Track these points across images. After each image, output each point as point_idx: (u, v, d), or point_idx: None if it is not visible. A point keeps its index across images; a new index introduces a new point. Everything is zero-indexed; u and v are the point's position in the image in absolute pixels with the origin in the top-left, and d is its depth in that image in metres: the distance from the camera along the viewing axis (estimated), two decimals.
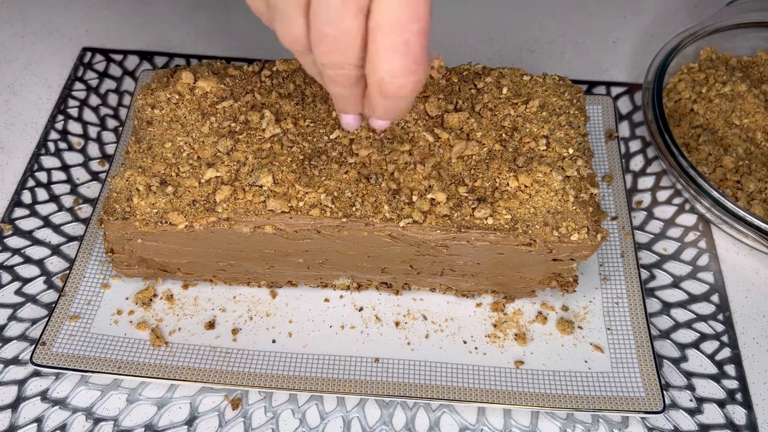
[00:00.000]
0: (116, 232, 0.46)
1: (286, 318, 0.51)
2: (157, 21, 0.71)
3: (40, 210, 0.57)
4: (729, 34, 0.64)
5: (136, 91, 0.62)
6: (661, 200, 0.59)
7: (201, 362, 0.48)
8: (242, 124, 0.48)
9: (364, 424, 0.47)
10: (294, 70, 0.51)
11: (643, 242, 0.56)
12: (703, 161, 0.57)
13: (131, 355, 0.48)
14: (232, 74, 0.50)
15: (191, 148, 0.47)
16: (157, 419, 0.47)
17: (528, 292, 0.51)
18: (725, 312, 0.53)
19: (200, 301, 0.51)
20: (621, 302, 0.51)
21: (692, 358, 0.51)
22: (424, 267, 0.49)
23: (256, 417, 0.47)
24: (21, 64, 0.67)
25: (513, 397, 0.47)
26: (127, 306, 0.51)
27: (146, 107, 0.49)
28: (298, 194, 0.45)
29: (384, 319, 0.51)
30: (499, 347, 0.49)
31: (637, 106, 0.65)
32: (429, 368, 0.48)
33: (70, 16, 0.71)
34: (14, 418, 0.47)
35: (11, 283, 0.53)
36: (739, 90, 0.61)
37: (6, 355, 0.49)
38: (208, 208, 0.44)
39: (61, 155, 0.60)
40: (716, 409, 0.48)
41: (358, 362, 0.48)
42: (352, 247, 0.47)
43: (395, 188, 0.45)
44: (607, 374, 0.48)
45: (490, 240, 0.45)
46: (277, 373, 0.47)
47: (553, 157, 0.47)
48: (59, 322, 0.49)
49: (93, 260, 0.52)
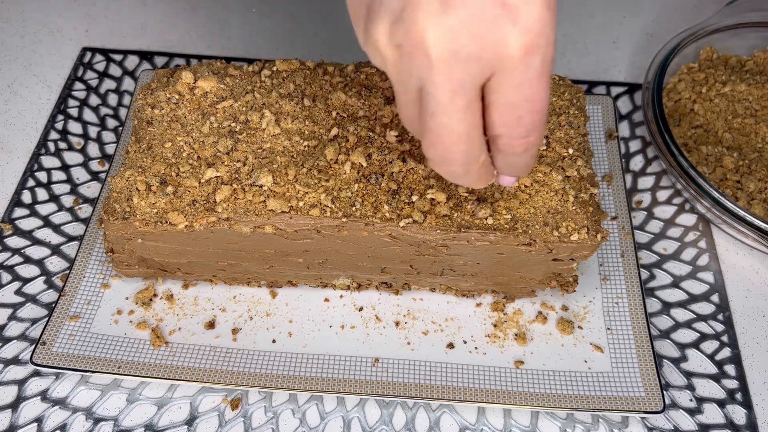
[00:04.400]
0: (116, 232, 0.46)
1: (286, 318, 0.51)
2: (157, 21, 0.71)
3: (40, 210, 0.57)
4: (729, 34, 0.64)
5: (136, 91, 0.62)
6: (661, 200, 0.59)
7: (201, 362, 0.48)
8: (242, 124, 0.48)
9: (364, 424, 0.47)
10: (294, 70, 0.51)
11: (643, 242, 0.56)
12: (703, 161, 0.57)
13: (131, 355, 0.48)
14: (232, 74, 0.50)
15: (191, 148, 0.47)
16: (157, 419, 0.47)
17: (528, 292, 0.51)
18: (725, 312, 0.53)
19: (200, 301, 0.51)
20: (621, 302, 0.51)
21: (692, 358, 0.51)
22: (424, 267, 0.49)
23: (256, 417, 0.47)
24: (21, 64, 0.67)
25: (513, 397, 0.47)
26: (127, 306, 0.51)
27: (146, 107, 0.49)
28: (298, 194, 0.45)
29: (384, 319, 0.51)
30: (499, 347, 0.49)
31: (637, 106, 0.65)
32: (429, 368, 0.48)
33: (70, 16, 0.71)
34: (14, 418, 0.47)
35: (11, 283, 0.53)
36: (739, 90, 0.61)
37: (6, 355, 0.49)
38: (208, 208, 0.44)
39: (61, 155, 0.60)
40: (716, 409, 0.48)
41: (358, 362, 0.48)
42: (352, 247, 0.47)
43: (395, 188, 0.45)
44: (607, 374, 0.48)
45: (490, 240, 0.45)
46: (277, 373, 0.47)
47: (553, 157, 0.47)
48: (59, 322, 0.49)
49: (93, 260, 0.52)
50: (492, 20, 0.29)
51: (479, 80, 0.31)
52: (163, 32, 0.70)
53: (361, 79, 0.51)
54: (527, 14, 0.29)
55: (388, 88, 0.50)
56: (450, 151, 0.33)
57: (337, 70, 0.51)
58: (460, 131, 0.32)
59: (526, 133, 0.33)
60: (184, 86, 0.49)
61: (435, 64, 0.30)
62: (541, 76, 0.31)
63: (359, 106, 0.49)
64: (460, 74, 0.30)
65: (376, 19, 0.31)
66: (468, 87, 0.31)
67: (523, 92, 0.31)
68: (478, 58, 0.30)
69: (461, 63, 0.30)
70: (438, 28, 0.30)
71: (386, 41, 0.31)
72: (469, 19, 0.29)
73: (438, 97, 0.31)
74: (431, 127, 0.32)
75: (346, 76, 0.51)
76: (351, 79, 0.51)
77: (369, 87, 0.50)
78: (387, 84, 0.50)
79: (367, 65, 0.52)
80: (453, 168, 0.35)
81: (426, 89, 0.31)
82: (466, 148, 0.33)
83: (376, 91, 0.50)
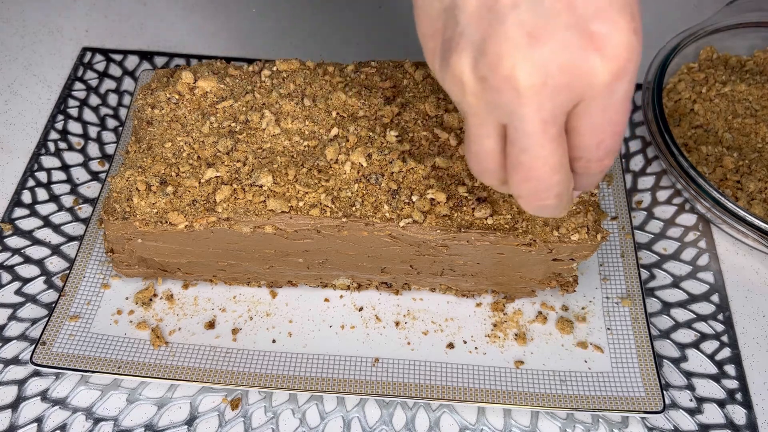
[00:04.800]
0: (116, 232, 0.46)
1: (286, 318, 0.51)
2: (157, 21, 0.71)
3: (40, 210, 0.57)
4: (729, 34, 0.64)
5: (136, 91, 0.62)
6: (661, 200, 0.59)
7: (201, 362, 0.48)
8: (242, 124, 0.48)
9: (364, 424, 0.47)
10: (294, 70, 0.51)
11: (643, 242, 0.56)
12: (703, 161, 0.57)
13: (131, 355, 0.48)
14: (232, 74, 0.50)
15: (191, 148, 0.47)
16: (157, 419, 0.47)
17: (528, 292, 0.51)
18: (725, 312, 0.53)
19: (200, 301, 0.51)
20: (621, 302, 0.51)
21: (692, 358, 0.51)
22: (424, 267, 0.49)
23: (256, 417, 0.47)
24: (21, 64, 0.67)
25: (513, 397, 0.47)
26: (127, 306, 0.51)
27: (146, 107, 0.49)
28: (298, 194, 0.45)
29: (384, 319, 0.51)
30: (499, 347, 0.49)
31: (637, 106, 0.65)
32: (429, 368, 0.48)
33: (70, 16, 0.71)
34: (14, 418, 0.47)
35: (11, 283, 0.53)
36: (739, 90, 0.61)
37: (6, 355, 0.49)
38: (208, 208, 0.44)
39: (61, 155, 0.60)
40: (716, 409, 0.48)
41: (358, 362, 0.48)
42: (352, 247, 0.47)
43: (395, 188, 0.45)
44: (607, 374, 0.48)
45: (490, 240, 0.45)
46: (277, 373, 0.47)
47: None
48: (59, 322, 0.49)
49: (93, 260, 0.52)
50: (579, 50, 0.29)
51: (567, 108, 0.31)
52: (163, 32, 0.70)
53: (361, 79, 0.51)
54: (616, 42, 0.29)
55: (388, 89, 0.50)
56: (545, 183, 0.33)
57: (337, 70, 0.51)
58: (554, 162, 0.32)
59: (605, 155, 0.33)
60: (184, 86, 0.49)
61: (524, 97, 0.30)
62: (626, 101, 0.31)
63: (359, 106, 0.49)
64: (550, 105, 0.30)
65: (456, 51, 0.31)
66: (557, 116, 0.31)
67: (608, 116, 0.31)
68: (568, 88, 0.30)
69: (551, 94, 0.30)
70: (527, 62, 0.29)
71: (470, 74, 0.31)
72: (557, 51, 0.29)
73: (529, 129, 0.31)
74: (523, 162, 0.32)
75: (346, 76, 0.51)
76: (351, 79, 0.51)
77: (369, 87, 0.50)
78: (387, 84, 0.50)
79: (367, 65, 0.52)
80: (548, 201, 0.34)
81: (514, 124, 0.31)
82: (561, 178, 0.33)
83: (376, 91, 0.50)
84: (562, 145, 0.32)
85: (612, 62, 0.29)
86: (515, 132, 0.31)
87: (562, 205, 0.35)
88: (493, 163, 0.34)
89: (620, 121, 0.32)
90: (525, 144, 0.31)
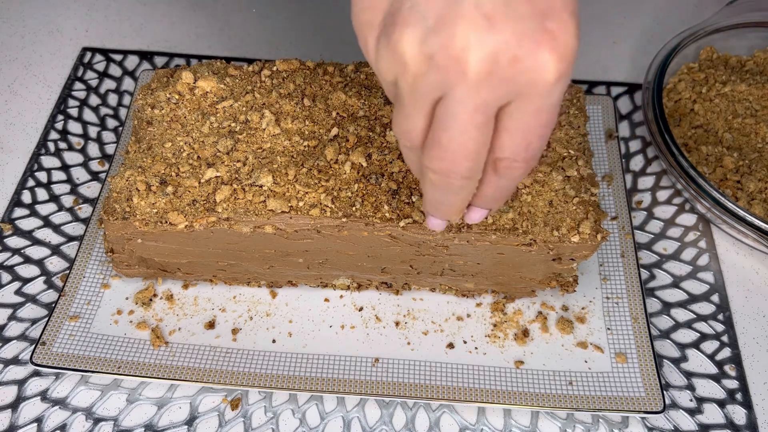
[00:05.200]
0: (116, 232, 0.46)
1: (286, 318, 0.51)
2: (157, 21, 0.71)
3: (40, 210, 0.57)
4: (729, 34, 0.64)
5: (136, 91, 0.62)
6: (661, 200, 0.59)
7: (201, 362, 0.48)
8: (242, 124, 0.48)
9: (364, 424, 0.47)
10: (294, 70, 0.51)
11: (643, 242, 0.56)
12: (703, 161, 0.57)
13: (131, 355, 0.48)
14: (232, 74, 0.50)
15: (191, 148, 0.47)
16: (157, 419, 0.47)
17: (528, 292, 0.51)
18: (725, 312, 0.53)
19: (200, 301, 0.51)
20: (621, 302, 0.51)
21: (692, 358, 0.51)
22: (424, 267, 0.49)
23: (256, 417, 0.47)
24: (21, 64, 0.67)
25: (513, 397, 0.47)
26: (127, 306, 0.51)
27: (146, 107, 0.49)
28: (298, 194, 0.45)
29: (384, 319, 0.51)
30: (499, 347, 0.49)
31: (637, 106, 0.65)
32: (429, 368, 0.48)
33: (70, 16, 0.71)
34: (14, 418, 0.47)
35: (11, 283, 0.53)
36: (739, 90, 0.61)
37: (6, 355, 0.49)
38: (208, 208, 0.44)
39: (61, 155, 0.60)
40: (716, 409, 0.48)
41: (358, 362, 0.48)
42: (352, 247, 0.47)
43: (395, 188, 0.45)
44: (607, 374, 0.48)
45: (491, 240, 0.45)
46: (277, 373, 0.47)
47: (553, 157, 0.47)
48: (59, 322, 0.49)
49: (93, 260, 0.52)
50: (533, 44, 0.29)
51: (501, 103, 0.30)
52: (163, 32, 0.70)
53: (361, 79, 0.51)
54: (564, 42, 0.29)
55: None
56: (455, 165, 0.33)
57: (337, 70, 0.51)
58: (470, 148, 0.32)
59: (531, 157, 0.33)
60: (184, 86, 0.49)
61: (467, 81, 0.29)
62: (558, 104, 0.31)
63: (359, 106, 0.49)
64: (487, 95, 0.30)
65: (402, 26, 0.30)
66: (490, 107, 0.30)
67: (542, 118, 0.31)
68: (511, 82, 0.29)
69: (493, 84, 0.29)
70: (479, 46, 0.29)
71: (415, 50, 0.30)
72: (511, 41, 0.29)
73: (458, 112, 0.30)
74: (441, 141, 0.32)
75: (346, 76, 0.51)
76: (351, 79, 0.51)
77: (369, 87, 0.50)
78: None
79: (368, 65, 0.52)
80: (452, 180, 0.34)
81: (446, 103, 0.31)
82: (471, 166, 0.33)
83: (376, 91, 0.50)
84: (484, 135, 0.31)
85: (561, 62, 0.29)
86: (443, 110, 0.31)
87: (461, 195, 0.35)
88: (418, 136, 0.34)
89: (550, 124, 0.32)
90: (449, 124, 0.31)
